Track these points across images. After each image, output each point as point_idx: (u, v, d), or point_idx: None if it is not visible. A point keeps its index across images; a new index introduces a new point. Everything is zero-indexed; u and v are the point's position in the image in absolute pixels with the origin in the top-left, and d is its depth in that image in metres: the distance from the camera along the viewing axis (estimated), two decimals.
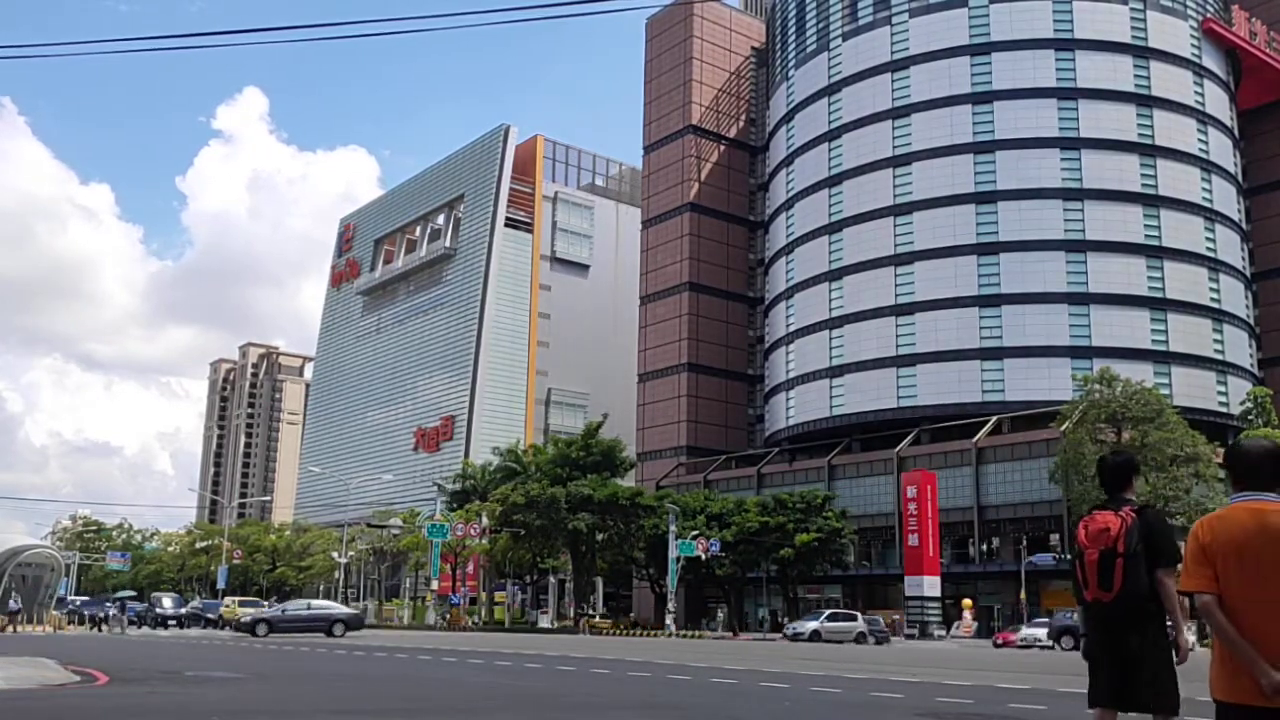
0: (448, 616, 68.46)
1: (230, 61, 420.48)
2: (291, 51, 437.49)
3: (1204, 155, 76.70)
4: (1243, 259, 79.63)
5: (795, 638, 50.53)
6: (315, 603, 48.92)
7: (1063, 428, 57.34)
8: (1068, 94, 74.67)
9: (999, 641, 50.63)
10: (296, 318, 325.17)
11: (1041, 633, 48.36)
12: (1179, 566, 4.61)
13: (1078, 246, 72.84)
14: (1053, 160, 73.91)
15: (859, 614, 55.36)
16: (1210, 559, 4.06)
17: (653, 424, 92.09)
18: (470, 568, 77.44)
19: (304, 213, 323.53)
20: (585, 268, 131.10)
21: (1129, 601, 5.75)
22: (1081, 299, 72.00)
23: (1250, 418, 62.71)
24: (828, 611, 56.59)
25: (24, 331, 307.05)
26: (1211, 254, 75.43)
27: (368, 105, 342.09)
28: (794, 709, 13.61)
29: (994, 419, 69.70)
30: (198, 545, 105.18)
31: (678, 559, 60.42)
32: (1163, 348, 72.17)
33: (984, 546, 67.73)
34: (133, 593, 79.10)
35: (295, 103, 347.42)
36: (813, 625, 51.96)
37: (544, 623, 69.23)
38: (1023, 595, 59.09)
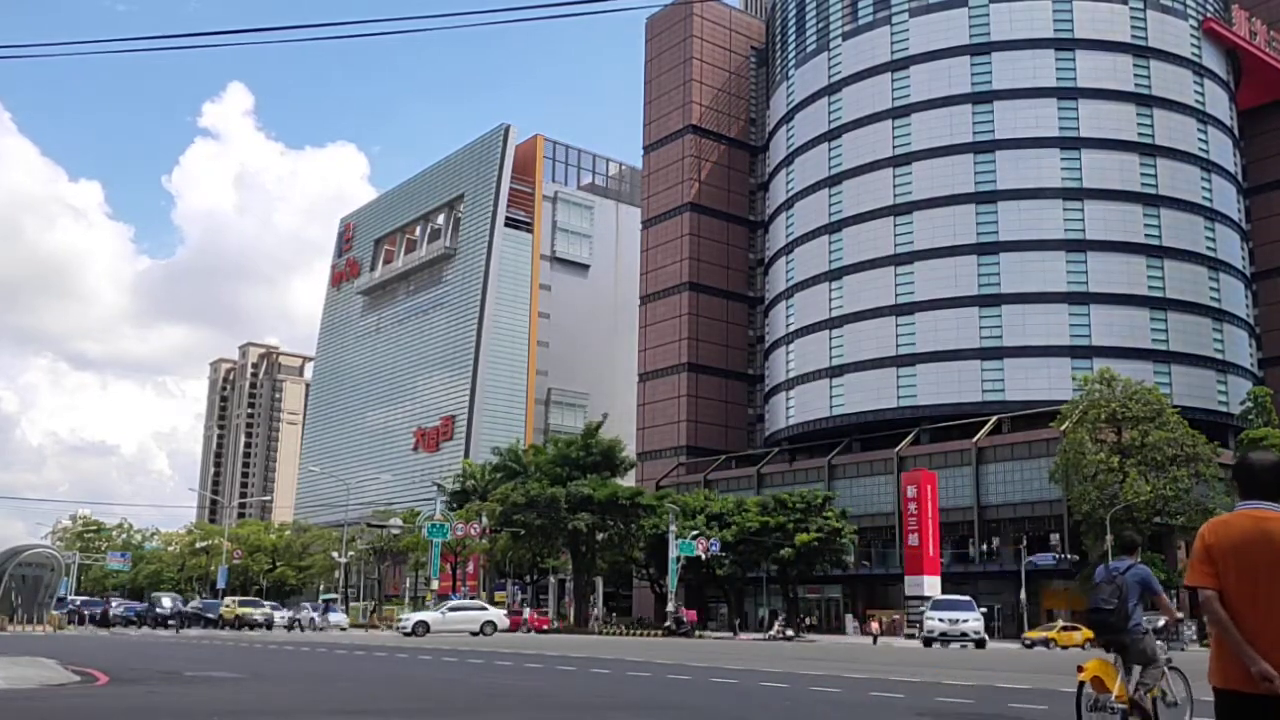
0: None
1: (217, 58, 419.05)
2: (279, 48, 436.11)
3: (1204, 155, 76.70)
4: (1243, 259, 79.65)
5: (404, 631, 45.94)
6: None
7: (1063, 427, 57.35)
8: (1068, 94, 74.66)
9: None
10: (288, 315, 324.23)
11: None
12: None
13: (1078, 246, 72.84)
14: (1053, 160, 73.91)
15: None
16: (1213, 558, 4.48)
17: (653, 424, 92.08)
18: (470, 568, 77.49)
19: (294, 210, 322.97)
20: (585, 267, 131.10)
21: None
22: (1081, 299, 71.99)
23: (1250, 417, 62.72)
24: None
25: (14, 330, 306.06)
26: (1211, 254, 75.43)
27: (357, 102, 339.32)
28: (794, 709, 13.61)
29: (994, 419, 69.70)
30: (198, 545, 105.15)
31: (678, 559, 60.34)
32: (1163, 347, 72.17)
33: (984, 546, 67.69)
34: (333, 596, 76.84)
35: (282, 99, 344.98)
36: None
37: None
38: (1023, 595, 59.10)
